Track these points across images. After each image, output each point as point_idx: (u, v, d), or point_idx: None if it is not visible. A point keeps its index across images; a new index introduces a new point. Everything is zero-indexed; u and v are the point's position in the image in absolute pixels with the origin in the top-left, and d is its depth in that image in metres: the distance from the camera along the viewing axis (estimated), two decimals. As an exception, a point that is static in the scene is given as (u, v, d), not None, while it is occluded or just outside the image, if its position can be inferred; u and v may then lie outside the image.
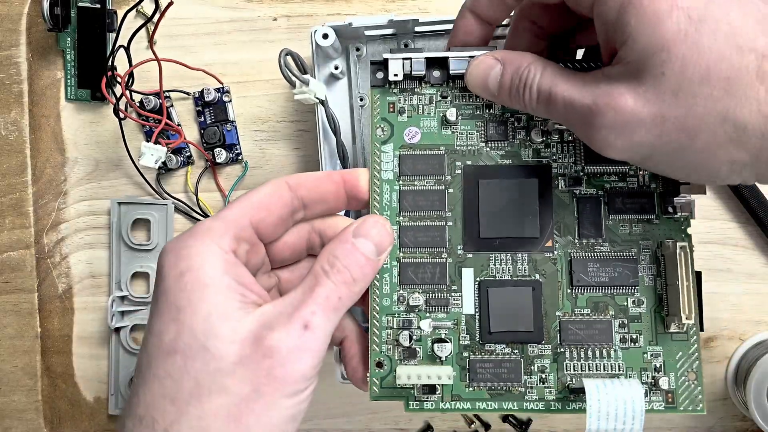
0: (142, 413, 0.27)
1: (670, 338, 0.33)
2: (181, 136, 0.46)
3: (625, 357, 0.33)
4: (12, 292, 0.47)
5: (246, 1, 0.48)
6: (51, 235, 0.48)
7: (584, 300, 0.34)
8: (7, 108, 0.47)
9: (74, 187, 0.49)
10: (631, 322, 0.34)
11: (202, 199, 0.48)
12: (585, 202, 0.34)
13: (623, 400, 0.30)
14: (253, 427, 0.27)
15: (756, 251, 0.46)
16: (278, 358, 0.27)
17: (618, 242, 0.34)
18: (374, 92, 0.36)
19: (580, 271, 0.34)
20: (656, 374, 0.33)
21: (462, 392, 0.33)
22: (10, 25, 0.47)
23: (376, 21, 0.40)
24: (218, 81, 0.48)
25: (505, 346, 0.34)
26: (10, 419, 0.47)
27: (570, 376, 0.33)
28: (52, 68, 0.49)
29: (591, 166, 0.34)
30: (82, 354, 0.49)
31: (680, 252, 0.32)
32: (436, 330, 0.34)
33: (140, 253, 0.48)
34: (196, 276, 0.28)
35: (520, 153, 0.35)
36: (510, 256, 0.34)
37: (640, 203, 0.34)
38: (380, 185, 0.35)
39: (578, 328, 0.34)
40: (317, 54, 0.42)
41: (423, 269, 0.34)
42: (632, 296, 0.34)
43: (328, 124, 0.40)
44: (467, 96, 0.35)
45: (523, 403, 0.33)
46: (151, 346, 0.28)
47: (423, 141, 0.35)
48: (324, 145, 0.41)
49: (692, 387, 0.33)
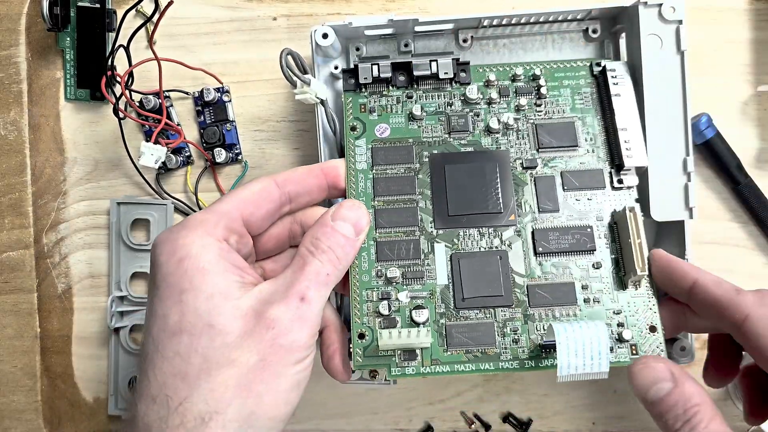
0: (155, 393, 0.28)
1: (629, 295, 0.36)
2: (181, 135, 0.45)
3: (589, 315, 0.36)
4: (11, 292, 0.47)
5: (246, 1, 0.48)
6: (50, 235, 0.48)
7: (548, 266, 0.37)
8: (7, 108, 0.47)
9: (74, 187, 0.49)
10: (593, 283, 0.37)
11: (202, 199, 0.48)
12: (542, 181, 0.38)
13: (589, 338, 0.33)
14: (263, 394, 0.29)
15: (756, 251, 0.46)
16: (280, 329, 0.29)
17: (574, 214, 0.38)
18: (347, 96, 0.40)
19: (542, 239, 0.37)
20: (619, 329, 0.36)
21: (441, 356, 0.36)
22: (10, 24, 0.47)
23: (375, 21, 0.40)
24: (218, 81, 0.47)
25: (479, 312, 0.37)
26: (9, 419, 0.47)
27: (540, 335, 0.36)
28: (52, 68, 0.48)
29: (543, 150, 0.39)
30: (82, 354, 0.49)
31: (630, 214, 0.35)
32: (413, 300, 0.37)
33: (140, 253, 0.48)
34: (195, 262, 0.30)
35: (481, 141, 0.39)
36: (477, 231, 0.38)
37: (591, 178, 0.38)
38: (355, 175, 0.39)
39: (544, 291, 0.37)
40: (317, 54, 0.42)
41: (398, 246, 0.37)
42: (591, 260, 0.37)
43: (328, 124, 0.40)
44: (430, 96, 0.40)
45: (498, 363, 0.36)
46: (156, 330, 0.29)
47: (393, 135, 0.39)
48: (324, 145, 0.41)
49: (653, 339, 0.36)
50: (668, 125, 0.38)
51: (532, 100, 0.40)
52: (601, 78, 0.40)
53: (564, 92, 0.40)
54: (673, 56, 0.38)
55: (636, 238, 0.35)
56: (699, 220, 0.46)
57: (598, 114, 0.40)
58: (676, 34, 0.38)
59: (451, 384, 0.47)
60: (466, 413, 0.47)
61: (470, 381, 0.47)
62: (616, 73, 0.39)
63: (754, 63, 0.46)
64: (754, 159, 0.46)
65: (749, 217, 0.46)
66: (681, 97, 0.38)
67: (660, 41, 0.38)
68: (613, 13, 0.41)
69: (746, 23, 0.46)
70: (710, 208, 0.46)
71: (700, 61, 0.46)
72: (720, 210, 0.46)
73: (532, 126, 0.39)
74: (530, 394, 0.47)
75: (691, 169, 0.38)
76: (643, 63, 0.38)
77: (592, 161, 0.39)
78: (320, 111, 0.41)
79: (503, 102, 0.40)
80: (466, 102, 0.40)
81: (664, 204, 0.38)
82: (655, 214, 0.38)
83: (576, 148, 0.39)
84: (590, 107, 0.40)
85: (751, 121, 0.46)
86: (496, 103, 0.40)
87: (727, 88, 0.46)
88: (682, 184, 0.38)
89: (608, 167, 0.39)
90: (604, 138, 0.39)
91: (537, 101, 0.40)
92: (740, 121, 0.46)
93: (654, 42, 0.38)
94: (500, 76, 0.40)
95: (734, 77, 0.46)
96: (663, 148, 0.38)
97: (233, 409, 0.28)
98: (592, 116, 0.40)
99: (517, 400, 0.47)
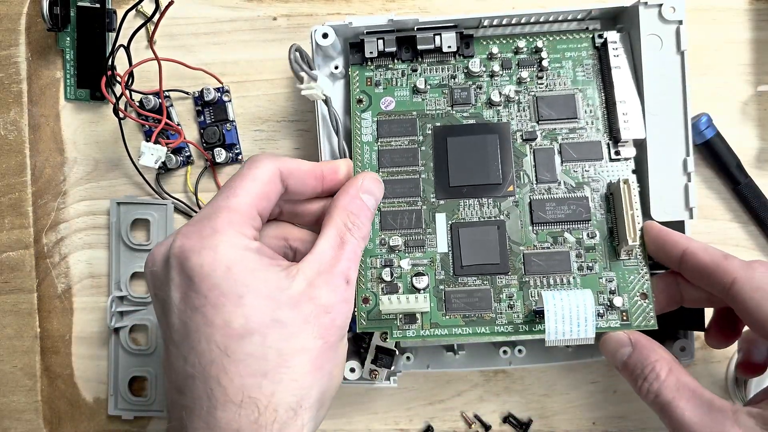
0: (237, 398, 0.29)
1: (622, 264, 0.38)
2: (181, 135, 0.45)
3: (583, 283, 0.38)
4: (11, 292, 0.47)
5: (246, 1, 0.48)
6: (50, 235, 0.48)
7: (544, 235, 0.39)
8: (7, 108, 0.47)
9: (73, 187, 0.49)
10: (587, 252, 0.38)
11: (202, 199, 0.48)
12: (541, 153, 0.39)
13: (576, 305, 0.35)
14: (332, 371, 0.32)
15: (756, 251, 0.46)
16: (335, 313, 0.32)
17: (571, 185, 0.39)
18: (353, 69, 0.41)
19: (539, 210, 0.39)
20: (611, 296, 0.37)
21: (440, 320, 0.38)
22: (10, 24, 0.47)
23: (375, 21, 0.40)
24: (218, 80, 0.47)
25: (476, 278, 0.38)
26: (9, 420, 0.47)
27: (534, 302, 0.38)
28: (52, 68, 0.48)
29: (543, 122, 0.40)
30: (82, 354, 0.49)
31: (623, 186, 0.36)
32: (414, 267, 0.38)
33: (140, 253, 0.48)
34: (243, 265, 0.30)
35: (483, 113, 0.40)
36: (477, 201, 0.39)
37: (589, 150, 0.39)
38: (361, 147, 0.40)
39: (540, 259, 0.38)
40: (317, 53, 0.42)
41: (401, 216, 0.39)
42: (586, 230, 0.38)
43: (331, 123, 0.40)
44: (435, 69, 0.41)
45: (494, 327, 0.38)
46: (220, 337, 0.29)
47: (397, 108, 0.41)
48: (324, 143, 0.41)
49: (644, 305, 0.37)
50: (668, 125, 0.38)
51: (534, 73, 0.40)
52: (602, 50, 0.40)
53: (566, 64, 0.41)
54: (673, 56, 0.38)
55: (629, 209, 0.36)
56: (699, 220, 0.46)
57: (598, 86, 0.40)
58: (676, 34, 0.38)
59: (451, 384, 0.47)
60: (466, 414, 0.47)
61: (470, 381, 0.47)
62: (617, 46, 0.40)
63: (754, 63, 0.46)
64: (754, 159, 0.46)
65: (749, 217, 0.46)
66: (681, 98, 0.38)
67: (660, 41, 0.38)
68: (613, 12, 0.41)
69: (746, 23, 0.46)
70: (710, 208, 0.46)
71: (700, 61, 0.46)
72: (720, 210, 0.46)
73: (533, 98, 0.40)
74: (530, 394, 0.47)
75: (691, 169, 0.38)
76: (643, 63, 0.38)
77: (590, 133, 0.40)
78: (321, 109, 0.41)
79: (505, 75, 0.41)
80: (469, 75, 0.41)
81: (664, 204, 0.38)
82: (656, 215, 0.38)
83: (576, 120, 0.40)
84: (591, 79, 0.40)
85: (751, 121, 0.46)
86: (498, 76, 0.41)
87: (727, 88, 0.46)
88: (683, 185, 0.38)
89: (606, 139, 0.39)
90: (604, 110, 0.40)
91: (539, 74, 0.40)
92: (740, 121, 0.46)
93: (654, 42, 0.39)
94: (503, 49, 0.41)
95: (734, 77, 0.46)
96: (663, 148, 0.38)
97: (314, 392, 0.30)
98: (593, 88, 0.40)
99: (517, 400, 0.47)
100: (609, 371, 0.47)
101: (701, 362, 0.46)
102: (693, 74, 0.46)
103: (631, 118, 0.39)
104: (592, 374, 0.47)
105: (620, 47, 0.40)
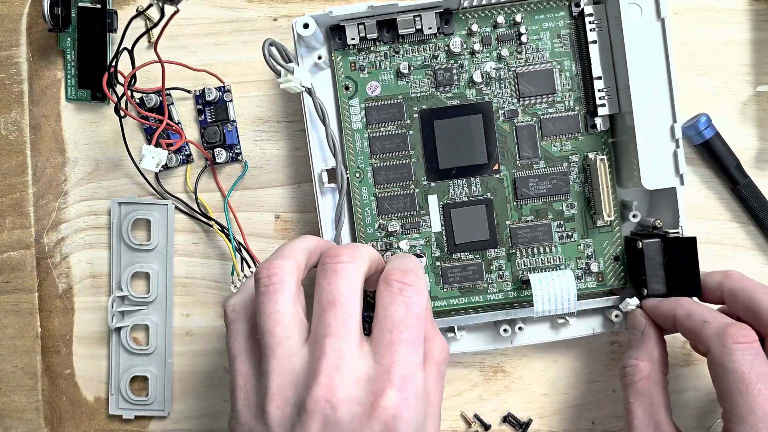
0: None
1: (597, 231, 0.42)
2: (182, 136, 0.46)
3: (563, 250, 0.42)
4: (12, 292, 0.47)
5: (246, 2, 0.48)
6: (51, 235, 0.48)
7: (528, 209, 0.42)
8: (8, 108, 0.47)
9: (74, 187, 0.49)
10: (566, 222, 0.42)
11: (202, 199, 0.48)
12: (522, 130, 0.42)
13: (560, 286, 0.39)
14: None
15: (756, 251, 0.46)
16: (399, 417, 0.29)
17: (552, 159, 0.42)
18: (336, 54, 0.42)
19: (523, 186, 0.42)
20: (588, 260, 0.42)
21: (438, 293, 0.43)
22: (11, 25, 0.47)
23: (355, 9, 0.40)
24: (220, 80, 0.48)
25: (469, 254, 0.43)
26: (10, 419, 0.47)
27: (522, 270, 0.42)
28: (53, 68, 0.49)
29: (524, 99, 0.42)
30: (83, 354, 0.49)
31: (599, 163, 0.40)
32: (412, 248, 0.42)
33: (140, 253, 0.48)
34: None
35: (466, 93, 0.42)
36: (465, 181, 0.42)
37: (567, 124, 0.42)
38: (352, 135, 0.42)
39: (525, 232, 0.42)
40: (299, 44, 0.42)
41: (396, 200, 0.42)
42: (566, 202, 0.42)
43: (316, 113, 0.40)
44: (416, 49, 0.42)
45: (486, 296, 0.43)
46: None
47: (383, 92, 0.42)
48: (312, 134, 0.42)
49: (617, 268, 0.42)
50: (653, 94, 0.39)
51: (513, 47, 0.42)
52: (579, 20, 0.41)
53: (543, 36, 0.42)
54: (654, 23, 0.39)
55: (604, 186, 0.40)
56: (698, 220, 0.46)
57: (576, 58, 0.41)
58: (656, 1, 0.39)
59: (451, 384, 0.47)
60: (465, 413, 0.47)
61: (470, 380, 0.47)
62: (593, 19, 0.40)
63: (753, 63, 0.46)
64: (754, 159, 0.46)
65: (748, 217, 0.46)
66: (665, 65, 0.39)
67: (640, 9, 0.39)
68: (590, -19, 0.42)
69: (746, 23, 0.46)
70: (709, 208, 0.46)
71: (699, 61, 0.46)
72: (719, 210, 0.46)
73: (513, 75, 0.42)
74: (530, 394, 0.47)
75: (678, 135, 0.38)
76: (624, 32, 0.38)
77: (568, 105, 0.42)
78: (307, 101, 0.41)
79: (485, 51, 0.42)
80: (451, 54, 0.42)
81: (654, 172, 0.39)
82: (646, 183, 0.38)
83: (554, 95, 0.42)
84: (568, 51, 0.42)
85: (751, 121, 0.46)
86: (479, 53, 0.42)
87: (726, 88, 0.46)
88: (671, 152, 0.39)
89: (583, 111, 0.42)
90: (580, 82, 0.42)
91: (518, 47, 0.42)
92: (740, 121, 0.46)
93: (634, 10, 0.39)
94: (482, 23, 0.42)
95: (734, 77, 0.46)
96: (650, 116, 0.39)
97: None
98: (570, 59, 0.42)
99: (516, 399, 0.47)
100: (609, 371, 0.47)
101: (701, 362, 0.46)
102: (692, 74, 0.46)
103: (607, 94, 0.40)
104: (592, 374, 0.47)
105: (597, 21, 0.40)
